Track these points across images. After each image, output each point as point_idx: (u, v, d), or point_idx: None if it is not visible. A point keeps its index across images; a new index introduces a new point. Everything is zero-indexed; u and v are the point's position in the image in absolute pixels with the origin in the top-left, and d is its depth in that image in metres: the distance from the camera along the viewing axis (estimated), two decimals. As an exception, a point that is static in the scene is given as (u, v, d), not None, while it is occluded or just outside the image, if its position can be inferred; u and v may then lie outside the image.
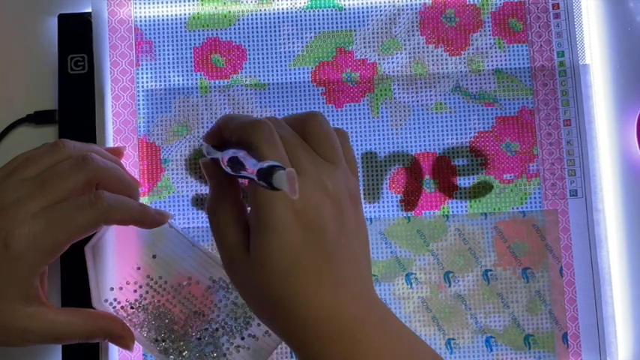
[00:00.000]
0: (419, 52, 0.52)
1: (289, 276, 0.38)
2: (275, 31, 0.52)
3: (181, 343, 0.46)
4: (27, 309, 0.41)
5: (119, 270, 0.47)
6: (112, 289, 0.47)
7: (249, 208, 0.40)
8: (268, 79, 0.52)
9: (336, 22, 0.52)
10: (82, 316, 0.43)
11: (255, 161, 0.36)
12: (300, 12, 0.52)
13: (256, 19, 0.52)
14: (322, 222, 0.38)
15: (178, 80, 0.52)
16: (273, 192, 0.36)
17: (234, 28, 0.52)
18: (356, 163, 0.44)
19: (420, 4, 0.52)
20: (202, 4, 0.52)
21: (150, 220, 0.44)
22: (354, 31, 0.52)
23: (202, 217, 0.51)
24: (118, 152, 0.49)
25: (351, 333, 0.38)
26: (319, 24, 0.52)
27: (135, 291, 0.47)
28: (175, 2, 0.52)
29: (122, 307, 0.47)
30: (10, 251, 0.39)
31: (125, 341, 0.45)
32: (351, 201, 0.41)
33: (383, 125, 0.51)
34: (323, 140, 0.41)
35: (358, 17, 0.52)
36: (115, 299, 0.47)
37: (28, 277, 0.41)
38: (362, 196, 0.50)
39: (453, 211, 0.51)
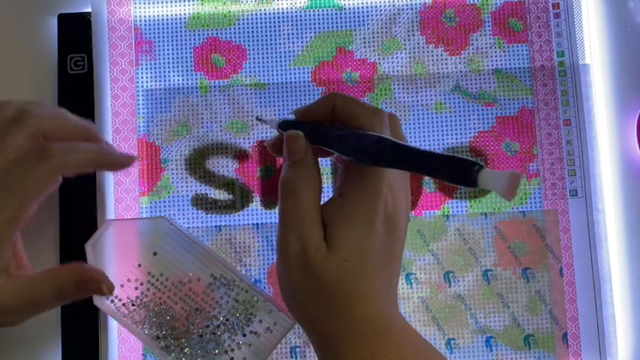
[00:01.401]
0: (419, 52, 0.52)
1: (366, 275, 0.37)
2: (275, 31, 0.52)
3: (183, 340, 0.46)
4: None
5: (120, 267, 0.47)
6: None
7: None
8: (268, 79, 0.52)
9: (336, 22, 0.52)
10: (49, 272, 0.40)
11: (430, 151, 0.35)
12: (300, 12, 0.52)
13: (256, 18, 0.52)
14: (401, 226, 0.39)
15: (178, 80, 0.52)
16: (378, 187, 0.36)
17: (234, 28, 0.52)
18: None
19: (420, 3, 0.52)
20: (202, 4, 0.52)
21: (113, 161, 0.42)
22: (354, 30, 0.52)
23: (202, 217, 0.51)
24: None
25: (385, 333, 0.38)
26: (319, 24, 0.52)
27: (136, 288, 0.47)
28: (175, 2, 0.52)
29: (123, 305, 0.47)
30: None
31: (95, 284, 0.41)
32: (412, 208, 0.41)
33: (383, 125, 0.51)
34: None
35: (358, 17, 0.52)
36: (116, 296, 0.47)
37: None
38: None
39: (453, 211, 0.51)
